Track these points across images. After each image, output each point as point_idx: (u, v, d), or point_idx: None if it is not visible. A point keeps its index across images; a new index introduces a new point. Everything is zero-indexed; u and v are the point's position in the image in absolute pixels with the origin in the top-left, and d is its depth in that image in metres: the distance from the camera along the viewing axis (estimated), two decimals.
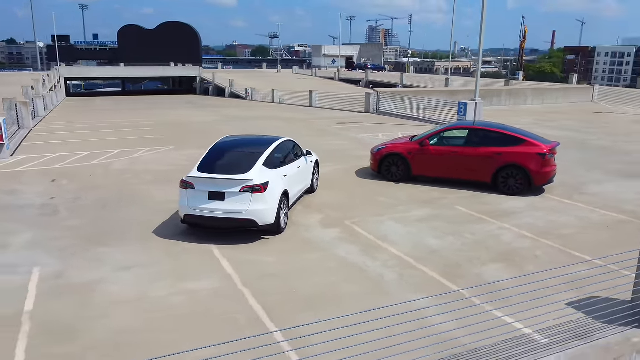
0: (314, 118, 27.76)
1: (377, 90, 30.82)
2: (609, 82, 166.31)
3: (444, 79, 53.22)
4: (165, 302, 7.10)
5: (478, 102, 22.87)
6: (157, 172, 14.58)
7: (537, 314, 6.65)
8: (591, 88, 38.36)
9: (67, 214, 10.85)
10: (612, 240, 9.74)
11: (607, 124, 26.96)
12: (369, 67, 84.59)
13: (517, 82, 50.14)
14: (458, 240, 9.55)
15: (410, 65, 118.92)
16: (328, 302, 7.18)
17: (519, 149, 12.42)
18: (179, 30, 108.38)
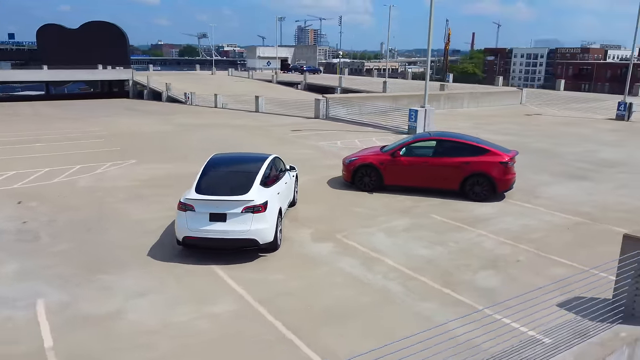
0: (267, 125, 27.91)
1: (326, 96, 31.44)
2: (525, 82, 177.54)
3: (381, 82, 54.81)
4: (191, 327, 7.21)
5: (428, 108, 24.04)
6: (127, 189, 14.28)
7: (536, 317, 7.44)
8: (520, 91, 41.19)
9: (50, 239, 10.49)
10: (575, 241, 10.84)
11: (539, 126, 29.18)
12: (304, 69, 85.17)
13: (452, 84, 52.57)
14: (445, 249, 10.26)
15: (345, 67, 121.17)
16: (346, 316, 7.59)
17: (484, 159, 13.40)
18: (104, 31, 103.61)
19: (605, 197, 14.20)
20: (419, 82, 69.72)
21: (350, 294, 8.28)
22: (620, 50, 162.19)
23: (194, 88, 52.83)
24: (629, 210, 13.09)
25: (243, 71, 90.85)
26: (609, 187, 15.28)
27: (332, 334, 7.09)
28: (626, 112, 32.69)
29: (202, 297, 8.14)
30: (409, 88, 52.06)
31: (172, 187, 14.42)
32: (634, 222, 11.98)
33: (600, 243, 10.75)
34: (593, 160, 19.19)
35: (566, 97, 44.38)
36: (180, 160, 18.15)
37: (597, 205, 13.43)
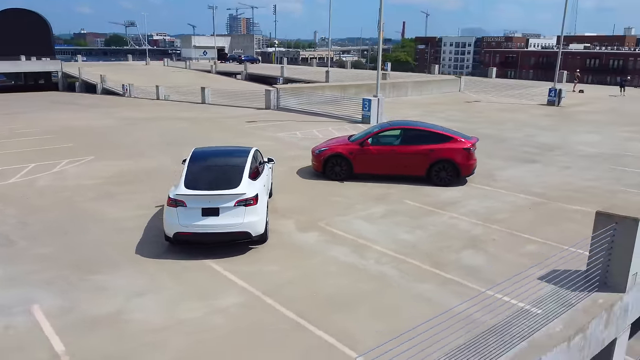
0: (219, 117, 27.57)
1: (277, 86, 31.41)
2: (455, 70, 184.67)
3: (323, 72, 55.20)
4: (205, 322, 7.29)
5: (380, 97, 24.71)
6: (93, 187, 13.81)
7: (522, 290, 8.14)
8: (458, 79, 43.00)
9: (27, 243, 10.05)
10: (538, 220, 11.75)
11: (480, 113, 30.74)
12: (242, 58, 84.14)
13: (391, 73, 53.78)
14: (425, 233, 10.84)
15: (280, 56, 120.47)
16: (351, 301, 7.93)
17: (448, 146, 14.13)
18: (23, 19, 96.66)
19: (553, 179, 15.37)
20: (360, 71, 71.01)
21: (348, 281, 8.62)
22: (540, 39, 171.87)
23: (130, 79, 50.96)
24: (575, 189, 14.27)
25: (178, 61, 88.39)
26: (554, 169, 16.54)
27: (343, 318, 7.42)
28: (556, 98, 35.04)
29: (205, 292, 8.20)
30: (352, 77, 52.89)
31: (138, 184, 14.15)
32: (582, 200, 13.17)
33: (559, 220, 11.73)
34: (535, 145, 20.59)
35: (499, 85, 46.84)
36: (138, 155, 17.69)
37: (548, 186, 14.54)
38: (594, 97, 40.37)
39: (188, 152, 17.72)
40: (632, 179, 15.24)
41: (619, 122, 27.51)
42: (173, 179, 14.36)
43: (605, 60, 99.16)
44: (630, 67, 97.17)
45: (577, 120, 27.99)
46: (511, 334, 7.00)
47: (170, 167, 16.12)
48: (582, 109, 33.44)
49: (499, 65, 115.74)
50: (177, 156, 17.46)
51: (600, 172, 16.18)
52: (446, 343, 6.56)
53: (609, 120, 27.97)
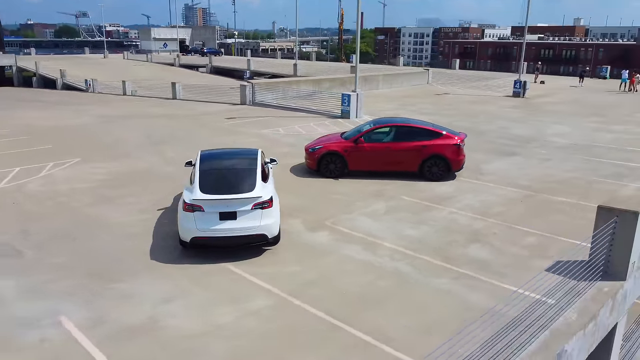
0: (196, 114, 27.26)
1: (252, 81, 31.27)
2: (414, 60, 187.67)
3: (290, 64, 55.12)
4: (239, 326, 7.45)
5: (359, 92, 25.05)
6: (88, 191, 13.57)
7: (533, 282, 8.68)
8: (426, 72, 43.86)
9: (35, 252, 9.88)
10: (530, 212, 12.37)
11: (451, 105, 31.56)
12: (205, 50, 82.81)
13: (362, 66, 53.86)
14: (429, 228, 11.27)
15: (239, 47, 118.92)
16: (377, 298, 8.25)
17: (439, 142, 14.63)
18: None
19: (535, 171, 16.13)
20: (327, 63, 71.17)
21: (368, 278, 8.94)
22: (495, 30, 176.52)
23: (91, 74, 49.47)
24: (557, 181, 15.03)
25: (138, 54, 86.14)
26: (535, 162, 17.33)
27: (375, 316, 7.73)
28: (521, 89, 36.34)
29: (233, 295, 8.34)
30: (321, 70, 53.09)
31: (133, 187, 14.00)
32: (565, 191, 13.93)
33: (548, 212, 12.40)
34: (511, 137, 21.43)
35: (463, 76, 48.07)
36: (125, 156, 17.41)
37: (532, 178, 15.26)
38: (555, 88, 42.04)
39: (175, 151, 17.78)
40: (607, 170, 16.16)
41: (583, 112, 28.86)
42: (167, 181, 14.37)
43: (558, 50, 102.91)
44: (582, 57, 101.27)
45: (544, 112, 29.18)
46: (531, 324, 7.49)
47: (161, 168, 16.00)
48: (547, 100, 34.83)
49: (458, 55, 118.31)
50: (165, 156, 17.35)
51: (576, 163, 17.07)
52: (478, 336, 6.98)
53: (574, 111, 29.30)
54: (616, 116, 27.70)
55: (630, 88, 39.85)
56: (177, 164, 16.30)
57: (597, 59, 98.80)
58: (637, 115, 28.20)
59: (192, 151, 17.98)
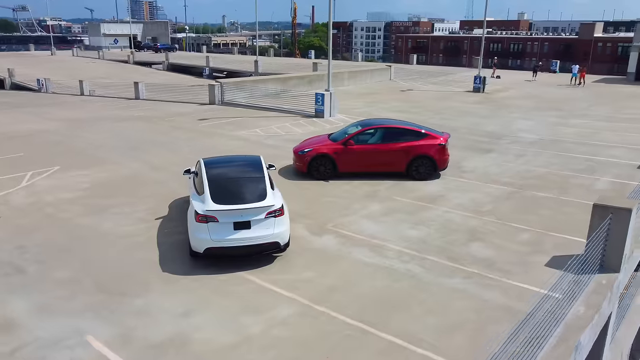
0: (167, 115, 26.69)
1: (220, 81, 30.88)
2: (366, 54, 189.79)
3: (250, 60, 54.64)
4: (272, 336, 7.55)
5: (332, 92, 25.28)
6: (77, 201, 13.19)
7: (537, 277, 9.23)
8: (389, 68, 44.58)
9: (37, 268, 9.58)
10: (519, 209, 12.98)
11: (419, 102, 32.31)
12: (159, 46, 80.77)
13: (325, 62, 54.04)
14: (428, 228, 11.66)
15: (195, 41, 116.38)
16: (399, 301, 8.52)
17: (425, 142, 15.08)
18: None
19: (513, 167, 16.87)
20: (286, 59, 70.98)
21: (384, 282, 9.20)
22: (444, 24, 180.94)
23: (42, 72, 47.39)
24: (535, 177, 15.80)
25: (88, 50, 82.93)
26: (511, 158, 18.11)
27: (400, 318, 8.01)
28: (481, 84, 37.62)
29: (254, 305, 8.41)
30: (282, 67, 52.90)
31: (123, 196, 13.69)
32: (545, 187, 14.68)
33: (534, 207, 13.05)
34: (482, 134, 22.24)
35: (423, 72, 49.13)
36: (105, 163, 16.94)
37: (512, 175, 15.97)
38: (511, 82, 43.69)
39: (157, 156, 17.48)
40: (578, 164, 17.11)
41: (542, 107, 30.25)
42: (157, 188, 14.14)
43: (506, 44, 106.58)
44: (528, 51, 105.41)
45: (507, 107, 30.35)
46: (544, 318, 7.98)
47: (146, 174, 15.70)
48: (506, 95, 36.22)
49: (411, 50, 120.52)
50: (148, 162, 17.02)
51: (549, 158, 17.96)
52: (501, 332, 7.39)
53: (533, 106, 30.63)
54: (573, 110, 29.19)
55: (579, 82, 41.96)
56: (162, 170, 16.07)
57: (542, 53, 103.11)
58: (591, 109, 29.80)
59: (174, 156, 17.79)
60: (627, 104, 31.74)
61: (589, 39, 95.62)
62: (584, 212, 12.54)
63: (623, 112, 28.73)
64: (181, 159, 17.48)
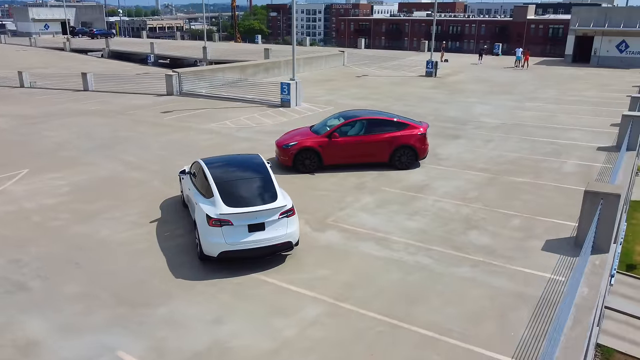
0: (125, 108, 25.64)
1: (178, 70, 29.93)
2: (307, 37, 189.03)
3: (198, 46, 53.19)
4: (309, 337, 7.68)
5: (298, 81, 25.21)
6: (61, 207, 12.60)
7: (538, 261, 9.86)
8: (342, 53, 44.77)
9: (42, 283, 9.17)
10: (502, 194, 13.65)
11: (377, 88, 32.79)
12: (95, 32, 76.81)
13: (276, 47, 53.48)
14: (424, 218, 12.08)
15: (128, 25, 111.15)
16: (417, 293, 8.85)
17: (407, 132, 15.47)
18: None
19: (485, 153, 17.63)
20: (235, 44, 69.57)
21: (398, 275, 9.51)
22: (383, 6, 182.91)
23: None
24: (508, 162, 16.59)
25: (15, 37, 77.57)
26: (480, 143, 18.89)
27: (423, 310, 8.35)
28: (433, 69, 38.61)
29: (280, 306, 8.49)
30: (233, 52, 51.94)
31: (109, 199, 13.23)
32: (520, 172, 15.48)
33: (516, 193, 13.75)
34: (447, 119, 22.98)
35: (373, 57, 49.79)
36: (78, 164, 16.15)
37: (485, 160, 16.69)
38: (459, 66, 45.13)
39: (130, 154, 16.92)
40: (544, 148, 18.12)
41: (495, 91, 31.55)
42: (141, 189, 13.74)
43: (445, 26, 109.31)
44: (467, 33, 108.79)
45: (461, 91, 31.41)
46: (555, 301, 8.58)
47: (125, 174, 15.17)
48: (457, 79, 37.43)
49: (353, 33, 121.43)
50: (123, 161, 16.45)
51: (515, 143, 18.89)
52: (517, 318, 7.92)
53: (487, 90, 31.89)
54: (523, 93, 30.65)
55: (523, 64, 43.97)
56: (141, 169, 15.59)
57: (479, 35, 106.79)
58: (539, 92, 31.42)
59: (147, 153, 17.28)
60: (571, 86, 33.66)
61: (522, 21, 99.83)
62: (562, 196, 13.48)
63: (569, 94, 30.48)
64: (155, 156, 17.03)
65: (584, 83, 35.24)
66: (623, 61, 43.97)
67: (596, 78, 37.77)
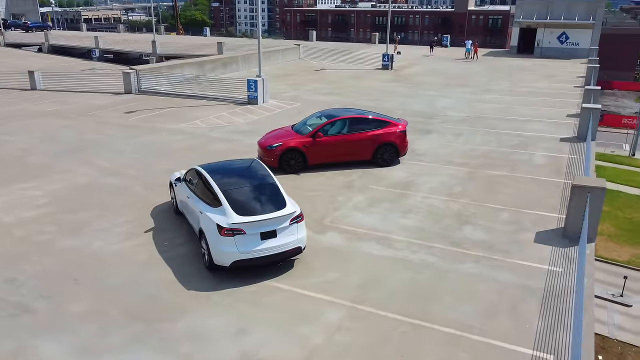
0: (85, 108, 24.50)
1: (135, 68, 28.84)
2: (251, 28, 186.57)
3: (146, 40, 51.41)
4: (338, 343, 7.80)
5: (264, 78, 24.98)
6: (43, 220, 11.99)
7: (533, 254, 10.41)
8: (298, 47, 44.60)
9: (46, 304, 8.76)
10: (484, 188, 14.19)
11: (338, 82, 32.97)
12: (29, 25, 72.48)
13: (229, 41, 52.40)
14: (418, 215, 12.42)
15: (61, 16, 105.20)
16: (430, 292, 9.15)
17: (388, 130, 15.77)
18: None
19: (458, 147, 18.20)
20: (185, 38, 67.57)
21: (407, 274, 9.76)
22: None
23: None
24: (481, 155, 17.22)
25: None
26: (451, 138, 19.48)
27: (441, 308, 8.64)
28: (389, 62, 39.26)
29: (300, 313, 8.55)
30: (183, 47, 50.58)
31: (93, 208, 12.73)
32: (495, 165, 16.13)
33: (496, 186, 14.34)
34: (414, 114, 23.48)
35: (327, 49, 49.94)
36: (50, 171, 15.35)
37: (460, 155, 17.25)
38: (411, 58, 46.08)
39: (103, 159, 16.29)
40: (511, 140, 18.93)
41: (452, 83, 32.51)
42: (124, 197, 13.33)
43: (390, 17, 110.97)
44: (411, 24, 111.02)
45: (420, 84, 32.14)
46: (558, 292, 9.12)
47: (103, 181, 14.62)
48: (412, 71, 38.25)
49: (300, 24, 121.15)
50: (98, 166, 15.86)
51: (484, 136, 19.61)
52: (528, 310, 8.37)
53: (443, 83, 32.80)
54: (478, 85, 31.75)
55: (473, 56, 45.48)
56: (118, 175, 15.06)
57: (423, 26, 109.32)
58: (493, 83, 32.65)
59: (120, 157, 16.70)
60: (521, 77, 35.16)
61: (464, 12, 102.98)
62: (539, 188, 14.19)
63: (520, 85, 31.86)
64: (130, 160, 16.49)
65: (532, 74, 36.92)
66: (564, 52, 46.36)
67: (542, 69, 39.64)
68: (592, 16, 44.98)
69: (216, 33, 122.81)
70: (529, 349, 7.63)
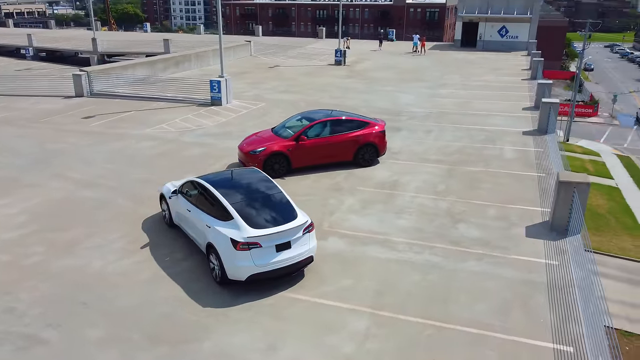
0: (37, 115, 23.00)
1: (86, 69, 27.39)
2: (187, 22, 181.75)
3: (88, 38, 48.85)
4: (370, 352, 7.94)
5: (227, 78, 24.51)
6: (28, 239, 11.29)
7: (527, 248, 10.98)
8: (249, 44, 43.96)
9: (56, 332, 8.31)
10: (467, 185, 14.68)
11: (295, 80, 32.84)
12: None
13: (177, 38, 50.65)
14: (411, 216, 12.72)
15: None
16: (443, 293, 9.45)
17: (369, 130, 15.99)
18: None
19: (431, 144, 18.69)
20: (126, 34, 64.74)
21: (418, 276, 10.02)
22: None
23: None
24: (456, 152, 17.75)
25: None
26: (422, 135, 19.97)
27: (458, 308, 8.96)
28: (342, 57, 39.55)
29: (324, 323, 8.61)
30: (126, 44, 48.58)
31: (77, 225, 12.14)
32: (470, 161, 16.73)
33: (477, 182, 14.88)
34: (379, 111, 23.83)
35: (277, 45, 49.54)
36: (19, 185, 14.41)
37: (435, 152, 17.74)
38: (361, 53, 46.57)
39: (74, 170, 15.54)
40: (479, 135, 19.67)
41: (407, 78, 33.24)
42: (108, 210, 12.86)
43: (331, 11, 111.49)
44: (351, 17, 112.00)
45: (376, 80, 32.55)
46: (561, 284, 9.69)
47: (80, 194, 13.93)
48: (365, 67, 38.73)
49: (240, 18, 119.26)
50: (70, 178, 15.11)
51: (452, 132, 20.24)
52: (538, 304, 8.87)
53: (399, 78, 33.45)
54: (432, 80, 32.61)
55: (420, 50, 46.64)
56: (94, 187, 14.40)
57: (364, 19, 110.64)
58: (445, 78, 33.62)
59: (91, 167, 16.01)
60: (470, 71, 36.40)
61: (402, 5, 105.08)
62: (515, 182, 14.90)
63: (472, 79, 33.01)
64: (104, 170, 15.79)
65: (479, 67, 38.35)
66: (504, 45, 48.47)
67: (487, 62, 41.26)
68: (529, 10, 47.27)
69: (152, 28, 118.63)
70: (549, 343, 8.08)
